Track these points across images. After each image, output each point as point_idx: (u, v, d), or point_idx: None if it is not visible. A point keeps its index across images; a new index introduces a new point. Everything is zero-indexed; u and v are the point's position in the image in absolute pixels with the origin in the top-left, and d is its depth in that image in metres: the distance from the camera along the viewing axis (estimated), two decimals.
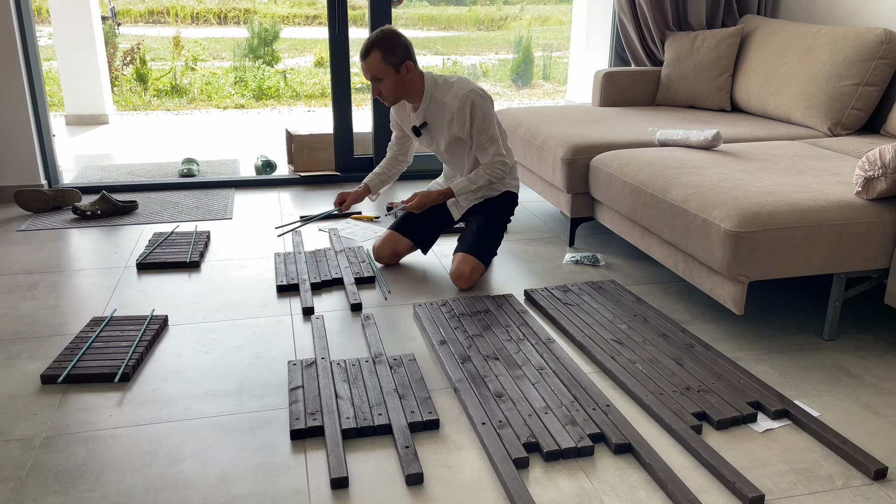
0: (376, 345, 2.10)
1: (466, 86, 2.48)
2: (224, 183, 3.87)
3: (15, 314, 2.35)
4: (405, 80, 2.46)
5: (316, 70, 9.00)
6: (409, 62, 2.44)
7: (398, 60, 2.41)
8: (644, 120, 3.24)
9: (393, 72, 2.42)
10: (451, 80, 2.53)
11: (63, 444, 1.67)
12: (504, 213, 2.69)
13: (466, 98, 2.46)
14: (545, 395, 1.83)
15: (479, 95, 2.48)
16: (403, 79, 2.45)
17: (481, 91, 2.49)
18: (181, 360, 2.05)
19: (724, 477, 1.53)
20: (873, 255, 2.09)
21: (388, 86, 2.45)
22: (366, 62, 2.43)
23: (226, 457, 1.63)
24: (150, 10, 11.74)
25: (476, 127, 2.49)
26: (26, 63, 3.41)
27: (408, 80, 2.47)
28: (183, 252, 2.82)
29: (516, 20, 12.06)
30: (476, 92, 2.48)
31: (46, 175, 3.63)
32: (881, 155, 2.02)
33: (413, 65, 2.46)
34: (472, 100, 2.46)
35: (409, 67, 2.44)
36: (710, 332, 2.24)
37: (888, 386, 1.94)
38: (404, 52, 2.42)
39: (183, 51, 9.16)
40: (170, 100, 7.58)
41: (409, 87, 2.49)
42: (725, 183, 2.21)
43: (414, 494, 1.52)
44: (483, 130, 2.50)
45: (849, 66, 2.87)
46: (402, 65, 2.43)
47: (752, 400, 1.81)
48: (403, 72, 2.44)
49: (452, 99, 2.48)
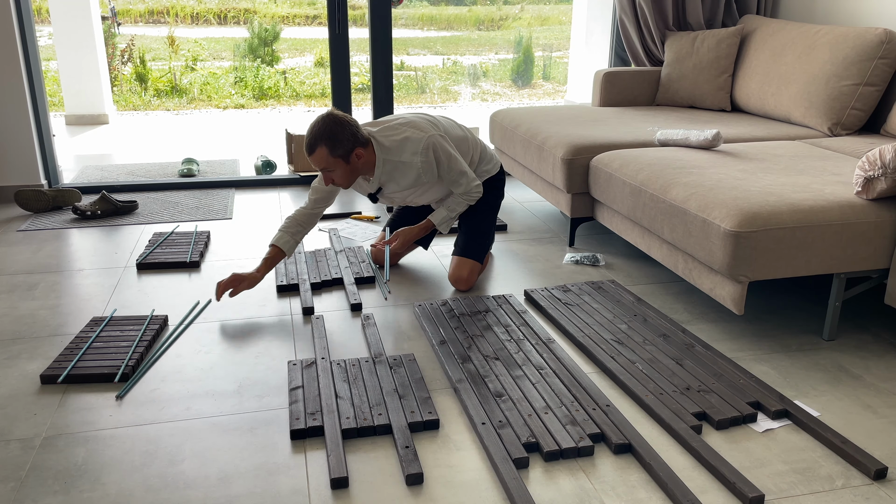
0: (376, 345, 2.10)
1: (419, 136, 2.37)
2: (224, 183, 3.87)
3: (15, 314, 2.35)
4: (356, 165, 2.32)
5: (316, 70, 9.00)
6: (359, 149, 2.29)
7: (346, 151, 2.27)
8: (644, 120, 3.24)
9: (343, 163, 2.29)
10: (399, 137, 2.38)
11: (63, 444, 1.67)
12: (492, 203, 2.65)
13: (427, 148, 2.36)
14: (545, 395, 1.83)
15: (435, 139, 2.39)
16: (355, 165, 2.32)
17: (433, 131, 2.40)
18: (181, 360, 2.05)
19: (724, 477, 1.53)
20: (873, 255, 2.09)
21: (339, 175, 2.32)
22: (312, 157, 2.27)
23: (226, 457, 1.63)
24: (150, 10, 11.74)
25: (443, 168, 2.42)
26: (26, 63, 3.41)
27: (359, 165, 2.33)
28: (183, 252, 2.82)
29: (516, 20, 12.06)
30: (432, 138, 2.38)
31: (46, 175, 3.63)
32: (881, 155, 2.02)
33: (363, 149, 2.31)
34: (433, 146, 2.37)
35: (359, 155, 2.30)
36: (710, 332, 2.24)
37: (888, 386, 1.94)
38: (352, 141, 2.27)
39: (181, 50, 9.16)
40: (170, 100, 7.58)
41: (361, 168, 2.36)
42: (725, 183, 2.21)
43: (414, 494, 1.52)
44: (451, 168, 2.43)
45: (849, 66, 2.87)
46: (352, 154, 2.29)
47: (752, 400, 1.81)
48: (354, 160, 2.30)
49: (412, 156, 2.36)
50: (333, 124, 2.25)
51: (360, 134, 2.31)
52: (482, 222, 2.61)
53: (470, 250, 2.55)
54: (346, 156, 2.28)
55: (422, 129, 2.41)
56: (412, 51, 10.52)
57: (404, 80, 8.76)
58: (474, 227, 2.60)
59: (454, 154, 2.45)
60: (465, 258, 2.54)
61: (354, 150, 2.29)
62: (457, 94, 8.48)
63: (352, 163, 2.30)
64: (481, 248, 2.57)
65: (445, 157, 2.42)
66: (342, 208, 3.48)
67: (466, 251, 2.55)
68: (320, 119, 2.27)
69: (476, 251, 2.55)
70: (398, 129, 2.41)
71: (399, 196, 2.55)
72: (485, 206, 2.63)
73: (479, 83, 9.04)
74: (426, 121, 2.48)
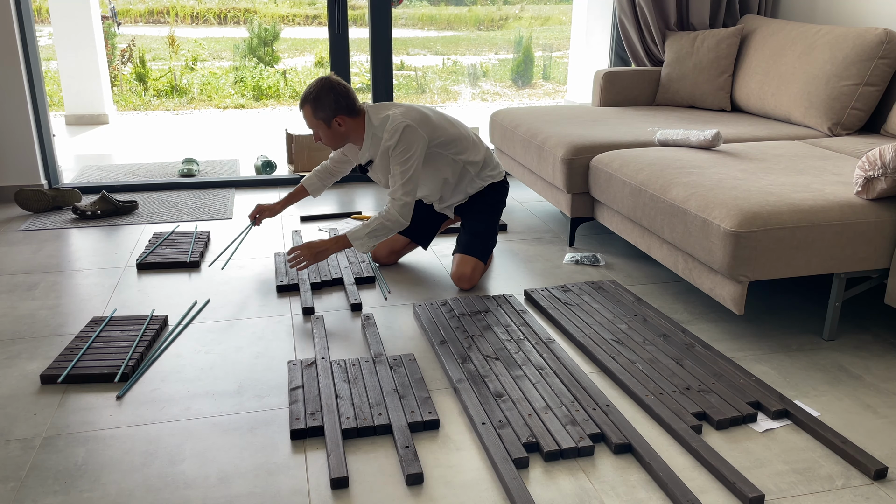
0: (376, 345, 2.10)
1: (403, 117, 2.37)
2: (224, 183, 3.87)
3: (15, 314, 2.35)
4: (339, 132, 2.41)
5: (316, 70, 9.00)
6: (341, 117, 2.37)
7: (327, 116, 2.36)
8: (644, 120, 3.24)
9: (325, 125, 2.38)
10: (383, 114, 2.42)
11: (63, 444, 1.67)
12: (495, 206, 2.63)
13: (398, 128, 2.35)
14: (545, 395, 1.83)
15: (411, 128, 2.36)
16: (337, 131, 2.40)
17: (417, 124, 2.38)
18: (181, 360, 2.05)
19: (724, 477, 1.53)
20: (873, 255, 2.09)
21: (324, 136, 2.43)
22: (302, 113, 2.41)
23: (226, 457, 1.63)
24: (150, 10, 11.74)
25: (394, 153, 2.37)
26: (26, 63, 3.41)
27: (342, 132, 2.41)
28: (183, 252, 2.82)
29: (516, 20, 12.06)
30: (410, 125, 2.36)
31: (46, 175, 3.63)
32: (881, 155, 2.02)
33: (346, 117, 2.38)
34: (404, 128, 2.35)
35: (340, 122, 2.38)
36: (710, 332, 2.24)
37: (888, 386, 1.94)
38: (333, 108, 2.34)
39: (181, 50, 9.16)
40: (170, 100, 7.58)
41: (347, 135, 2.43)
42: (725, 183, 2.21)
43: (414, 494, 1.52)
44: (397, 160, 2.36)
45: (849, 66, 2.87)
46: (333, 120, 2.37)
47: (752, 400, 1.81)
48: (335, 126, 2.39)
49: (386, 133, 2.38)
50: (321, 88, 2.35)
51: (349, 103, 2.38)
52: (485, 222, 2.60)
53: (472, 248, 2.54)
54: (327, 120, 2.37)
55: (410, 116, 2.39)
56: (412, 51, 10.52)
57: (404, 80, 8.76)
58: (477, 227, 2.59)
59: (412, 153, 2.36)
60: (467, 256, 2.53)
61: (336, 116, 2.37)
62: (457, 94, 8.48)
63: (333, 128, 2.40)
64: (484, 247, 2.56)
65: (403, 146, 2.36)
66: (342, 208, 3.48)
67: (469, 249, 2.54)
68: (315, 80, 2.39)
69: (478, 249, 2.55)
70: (389, 106, 2.46)
71: (382, 177, 2.53)
72: (488, 208, 2.62)
73: (479, 83, 9.04)
74: (419, 112, 2.43)
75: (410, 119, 2.37)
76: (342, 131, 2.41)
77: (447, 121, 2.54)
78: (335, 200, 3.61)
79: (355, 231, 2.38)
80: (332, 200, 3.61)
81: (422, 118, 2.42)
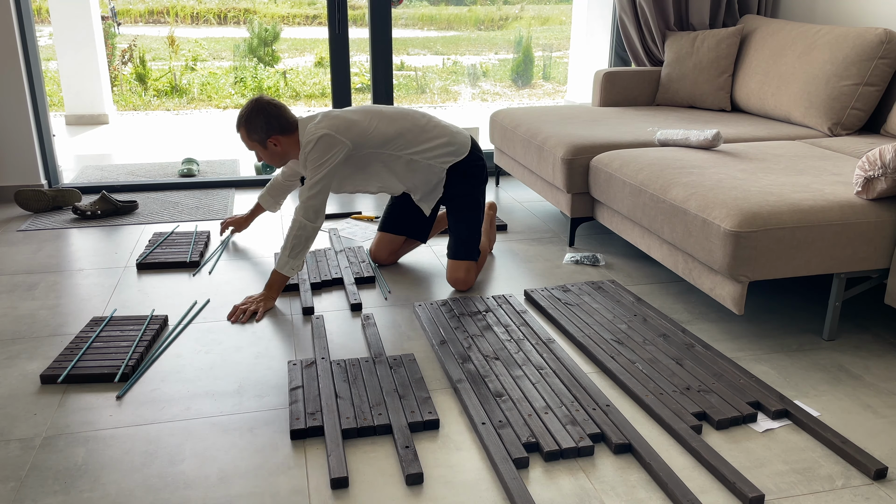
0: (376, 345, 2.10)
1: (319, 127, 2.34)
2: (224, 183, 3.87)
3: (15, 314, 2.35)
4: (276, 151, 2.42)
5: (316, 70, 9.00)
6: (275, 137, 2.37)
7: (261, 138, 2.37)
8: (644, 120, 3.24)
9: (260, 147, 2.40)
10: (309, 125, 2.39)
11: (63, 444, 1.67)
12: (469, 192, 2.53)
13: (313, 138, 2.33)
14: (545, 395, 1.83)
15: (327, 136, 2.32)
16: (274, 151, 2.42)
17: (336, 131, 2.34)
18: (181, 360, 2.05)
19: (724, 477, 1.53)
20: (873, 255, 2.09)
21: (263, 156, 2.44)
22: (239, 136, 2.44)
23: (226, 457, 1.63)
24: (150, 10, 11.74)
25: (309, 161, 2.35)
26: (26, 63, 3.41)
27: (279, 151, 2.42)
28: (183, 252, 2.82)
29: (516, 20, 12.06)
30: (326, 134, 2.32)
31: (46, 175, 3.63)
32: (881, 155, 2.02)
33: (281, 136, 2.38)
34: (319, 138, 2.32)
35: (275, 142, 2.38)
36: (710, 332, 2.24)
37: (888, 386, 1.94)
38: (266, 130, 2.35)
39: (181, 50, 9.16)
40: (169, 100, 7.58)
41: (285, 153, 2.44)
42: (725, 183, 2.21)
43: (414, 494, 1.52)
44: (311, 167, 2.34)
45: (849, 66, 2.87)
46: (268, 141, 2.38)
47: (752, 400, 1.81)
48: (271, 146, 2.40)
49: (304, 146, 2.37)
50: (252, 111, 2.36)
51: (281, 123, 2.38)
52: (465, 221, 2.52)
53: (460, 251, 2.51)
54: (262, 142, 2.39)
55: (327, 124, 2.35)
56: (412, 51, 10.52)
57: (404, 80, 8.76)
58: (459, 229, 2.53)
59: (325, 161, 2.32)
60: (457, 260, 2.51)
61: (270, 137, 2.38)
62: (457, 94, 8.48)
63: (269, 149, 2.42)
64: (472, 246, 2.52)
65: (317, 154, 2.33)
66: (342, 208, 3.48)
67: (458, 253, 2.51)
68: (247, 103, 2.40)
69: (467, 250, 2.51)
70: (315, 117, 2.43)
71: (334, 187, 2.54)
72: (466, 205, 2.53)
73: (479, 83, 9.04)
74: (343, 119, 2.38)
75: (328, 128, 2.34)
76: (279, 151, 2.42)
77: (387, 119, 2.45)
78: (335, 200, 3.61)
79: (279, 261, 2.36)
80: (333, 200, 3.61)
81: (345, 125, 2.37)
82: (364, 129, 2.40)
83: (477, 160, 2.56)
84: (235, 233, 3.00)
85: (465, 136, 2.58)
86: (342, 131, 2.36)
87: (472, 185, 2.54)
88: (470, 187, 2.54)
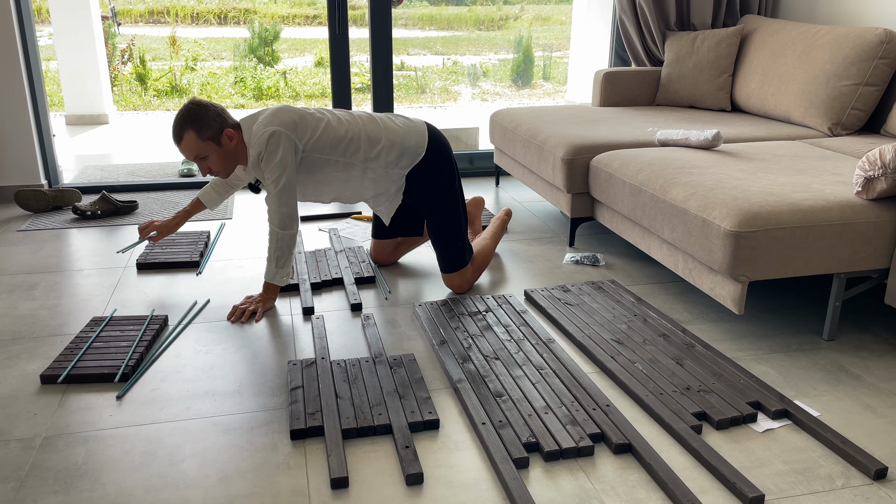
0: (376, 345, 2.10)
1: (266, 125, 2.19)
2: None
3: (15, 314, 2.35)
4: (230, 149, 2.25)
5: (316, 70, 9.00)
6: (228, 129, 2.22)
7: (215, 133, 2.21)
8: (644, 120, 3.24)
9: (214, 146, 2.22)
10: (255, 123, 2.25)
11: (63, 444, 1.67)
12: (438, 200, 2.39)
13: (262, 137, 2.18)
14: (545, 395, 1.83)
15: (276, 133, 2.17)
16: (228, 149, 2.25)
17: (285, 127, 2.19)
18: (181, 360, 2.05)
19: (724, 477, 1.53)
20: (873, 255, 2.09)
21: (215, 162, 2.25)
22: (182, 146, 2.21)
23: (226, 457, 1.63)
24: (150, 10, 11.74)
25: (264, 163, 2.20)
26: (26, 63, 3.41)
27: (233, 147, 2.25)
28: (183, 252, 2.82)
29: (516, 20, 12.06)
30: (276, 130, 2.17)
31: (46, 175, 3.63)
32: (881, 155, 2.02)
33: (234, 130, 2.24)
34: (269, 135, 2.17)
35: (230, 135, 2.22)
36: (710, 332, 2.24)
37: (888, 386, 1.94)
38: (219, 121, 2.21)
39: (181, 50, 9.16)
40: (170, 100, 7.58)
41: (238, 151, 2.27)
42: (725, 183, 2.21)
43: (414, 494, 1.52)
44: (267, 169, 2.20)
45: (849, 66, 2.87)
46: (222, 135, 2.22)
47: (752, 400, 1.81)
48: (226, 141, 2.23)
49: (253, 147, 2.22)
50: (196, 108, 2.19)
51: (228, 116, 2.26)
52: (441, 228, 2.42)
53: (448, 265, 2.45)
54: (215, 137, 2.22)
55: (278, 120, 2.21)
56: (412, 51, 10.52)
57: (404, 80, 8.76)
58: (440, 241, 2.44)
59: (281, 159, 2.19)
60: (448, 274, 2.47)
61: (224, 130, 2.22)
62: (457, 94, 8.48)
63: (224, 144, 2.24)
64: (457, 253, 2.44)
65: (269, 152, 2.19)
66: (343, 208, 3.48)
67: (447, 267, 2.46)
68: (182, 107, 2.22)
69: (454, 260, 2.44)
70: (260, 115, 2.28)
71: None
72: (435, 209, 2.41)
73: (479, 83, 9.04)
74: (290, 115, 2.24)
75: (276, 124, 2.20)
76: (233, 146, 2.25)
77: (336, 118, 2.33)
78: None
79: (267, 272, 2.31)
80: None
81: (292, 121, 2.23)
82: (312, 127, 2.26)
83: (436, 155, 2.39)
84: (160, 237, 2.59)
85: (421, 131, 2.40)
86: (290, 127, 2.21)
87: (436, 189, 2.40)
88: (435, 193, 2.40)
